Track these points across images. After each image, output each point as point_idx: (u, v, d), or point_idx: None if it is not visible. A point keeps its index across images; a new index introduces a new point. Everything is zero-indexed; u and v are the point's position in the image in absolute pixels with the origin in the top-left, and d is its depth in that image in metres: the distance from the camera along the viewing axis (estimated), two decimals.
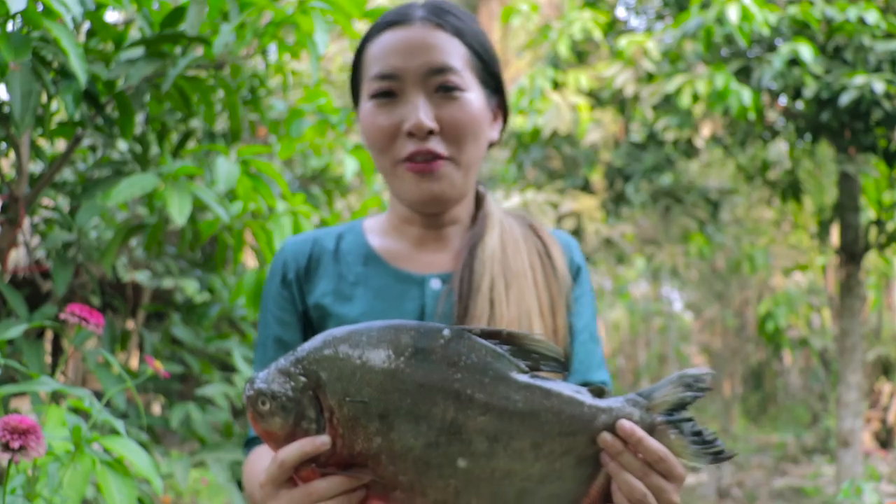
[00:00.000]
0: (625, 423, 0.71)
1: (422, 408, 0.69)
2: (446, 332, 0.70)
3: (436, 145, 0.91)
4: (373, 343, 0.70)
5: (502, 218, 1.00)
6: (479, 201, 1.03)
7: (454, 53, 0.92)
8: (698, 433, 0.74)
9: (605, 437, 0.71)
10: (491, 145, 1.00)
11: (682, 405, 0.74)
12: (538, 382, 0.71)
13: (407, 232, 1.00)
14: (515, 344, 0.71)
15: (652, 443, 0.71)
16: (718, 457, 0.73)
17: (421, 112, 0.90)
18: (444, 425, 0.69)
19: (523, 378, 0.71)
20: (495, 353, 0.70)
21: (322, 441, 0.69)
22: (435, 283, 0.97)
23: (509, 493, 0.71)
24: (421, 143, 0.90)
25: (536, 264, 0.97)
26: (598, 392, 0.74)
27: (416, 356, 0.69)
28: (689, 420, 0.74)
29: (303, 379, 0.70)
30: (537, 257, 0.98)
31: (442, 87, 0.91)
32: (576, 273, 1.02)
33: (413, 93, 0.91)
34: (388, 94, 0.92)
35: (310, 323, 1.00)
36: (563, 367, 0.73)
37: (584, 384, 0.76)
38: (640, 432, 0.71)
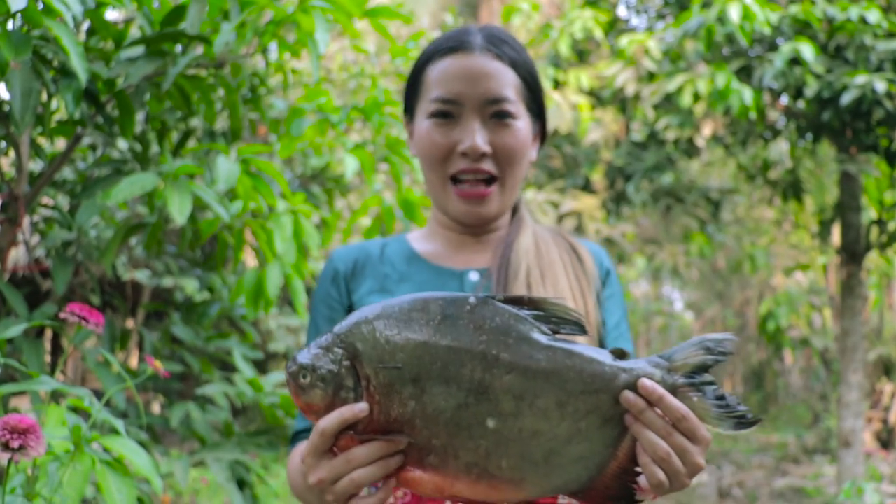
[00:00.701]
0: (646, 382, 0.72)
1: (451, 370, 0.72)
2: (472, 299, 0.74)
3: (487, 166, 1.00)
4: (404, 313, 0.74)
5: (533, 223, 1.10)
6: (513, 209, 1.11)
7: (509, 84, 1.01)
8: (721, 397, 0.74)
9: (627, 395, 0.73)
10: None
11: (703, 368, 0.74)
12: (560, 343, 0.74)
13: (448, 236, 1.09)
14: (537, 309, 0.74)
15: (673, 401, 0.72)
16: (742, 422, 0.73)
17: (478, 136, 0.98)
18: (473, 386, 0.72)
19: (545, 339, 0.73)
20: (518, 317, 0.74)
21: (360, 408, 0.72)
22: (473, 276, 1.05)
23: (537, 454, 0.73)
24: (473, 163, 0.99)
25: (566, 259, 1.05)
26: (620, 354, 0.75)
27: (445, 322, 0.73)
28: (712, 383, 0.74)
29: (340, 351, 0.74)
30: (567, 254, 1.06)
31: (497, 115, 1.00)
32: (605, 276, 1.09)
33: (470, 118, 0.99)
34: (446, 116, 1.00)
35: None
36: (582, 329, 0.75)
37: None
38: (661, 390, 0.72)
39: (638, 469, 0.75)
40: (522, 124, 1.01)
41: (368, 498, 0.75)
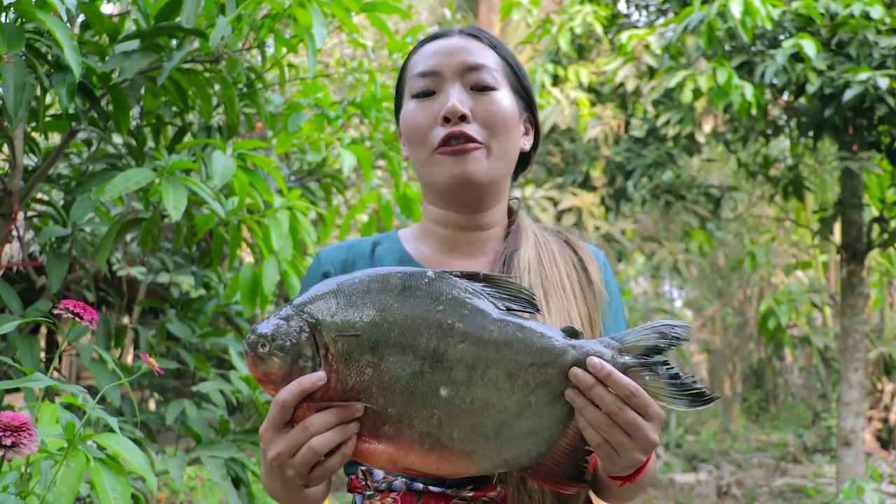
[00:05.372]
0: (594, 359, 0.75)
1: (408, 337, 0.74)
2: (430, 273, 0.77)
3: (469, 129, 0.97)
4: (364, 284, 0.76)
5: (536, 231, 1.05)
6: (511, 216, 1.07)
7: (489, 58, 1.01)
8: (675, 376, 0.76)
9: (576, 371, 0.75)
10: (523, 158, 1.06)
11: (655, 351, 0.76)
12: (512, 318, 0.77)
13: (441, 235, 1.04)
14: (493, 286, 0.77)
15: (622, 378, 0.74)
16: (697, 399, 0.75)
17: (455, 99, 0.97)
18: (428, 354, 0.74)
19: (498, 313, 0.76)
20: (474, 291, 0.77)
21: (318, 377, 0.73)
22: None
23: (488, 426, 0.75)
24: (454, 126, 0.97)
25: (573, 276, 1.01)
26: (572, 333, 0.77)
27: (404, 293, 0.75)
28: (665, 363, 0.76)
29: (300, 321, 0.75)
30: (574, 270, 1.02)
31: (477, 87, 0.99)
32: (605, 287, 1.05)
33: (449, 86, 0.99)
34: (428, 94, 1.00)
35: None
36: (535, 308, 0.78)
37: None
38: (610, 367, 0.74)
39: (588, 448, 0.77)
40: (505, 96, 1.00)
41: (328, 461, 0.75)
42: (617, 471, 0.77)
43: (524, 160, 1.08)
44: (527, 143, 1.06)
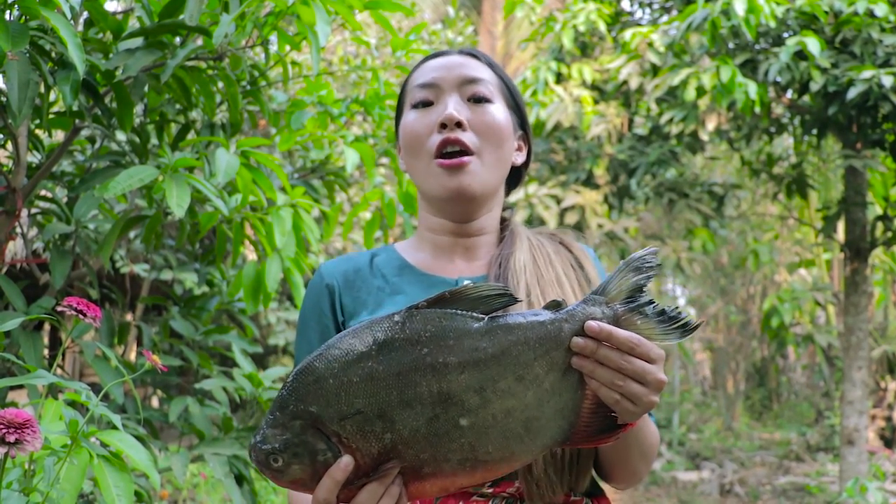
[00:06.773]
0: (592, 324, 0.75)
1: (408, 393, 0.74)
2: (397, 317, 0.75)
3: (464, 136, 1.00)
4: (339, 360, 0.74)
5: (530, 236, 1.08)
6: (504, 223, 1.11)
7: (486, 73, 1.06)
8: (662, 312, 0.77)
9: (578, 340, 0.76)
10: (515, 171, 1.10)
11: (637, 290, 0.77)
12: (496, 323, 0.76)
13: (436, 242, 1.07)
14: (461, 299, 0.76)
15: (622, 333, 0.75)
16: (686, 329, 0.76)
17: (452, 107, 1.01)
18: (434, 398, 0.74)
19: (482, 325, 0.75)
20: (448, 315, 0.75)
21: (346, 463, 0.74)
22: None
23: (517, 427, 0.76)
24: (450, 132, 1.00)
25: (571, 275, 1.03)
26: (555, 306, 0.78)
27: (382, 351, 0.74)
28: (650, 302, 0.77)
29: (298, 422, 0.74)
30: (571, 269, 1.05)
31: (474, 98, 1.03)
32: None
33: (448, 97, 1.03)
34: (427, 104, 1.04)
35: None
36: (512, 298, 0.77)
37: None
38: (608, 327, 0.75)
39: None
40: (500, 108, 1.04)
41: None
42: (635, 419, 0.79)
43: (516, 176, 1.12)
44: (519, 159, 1.10)
